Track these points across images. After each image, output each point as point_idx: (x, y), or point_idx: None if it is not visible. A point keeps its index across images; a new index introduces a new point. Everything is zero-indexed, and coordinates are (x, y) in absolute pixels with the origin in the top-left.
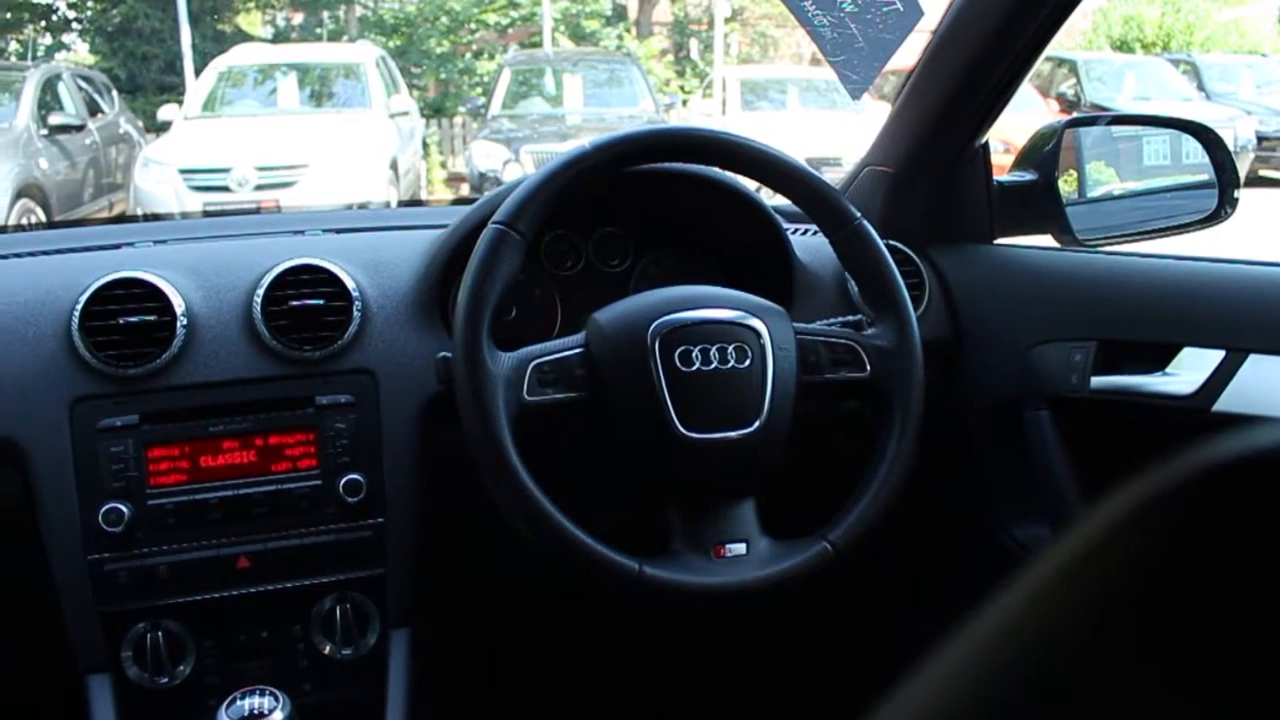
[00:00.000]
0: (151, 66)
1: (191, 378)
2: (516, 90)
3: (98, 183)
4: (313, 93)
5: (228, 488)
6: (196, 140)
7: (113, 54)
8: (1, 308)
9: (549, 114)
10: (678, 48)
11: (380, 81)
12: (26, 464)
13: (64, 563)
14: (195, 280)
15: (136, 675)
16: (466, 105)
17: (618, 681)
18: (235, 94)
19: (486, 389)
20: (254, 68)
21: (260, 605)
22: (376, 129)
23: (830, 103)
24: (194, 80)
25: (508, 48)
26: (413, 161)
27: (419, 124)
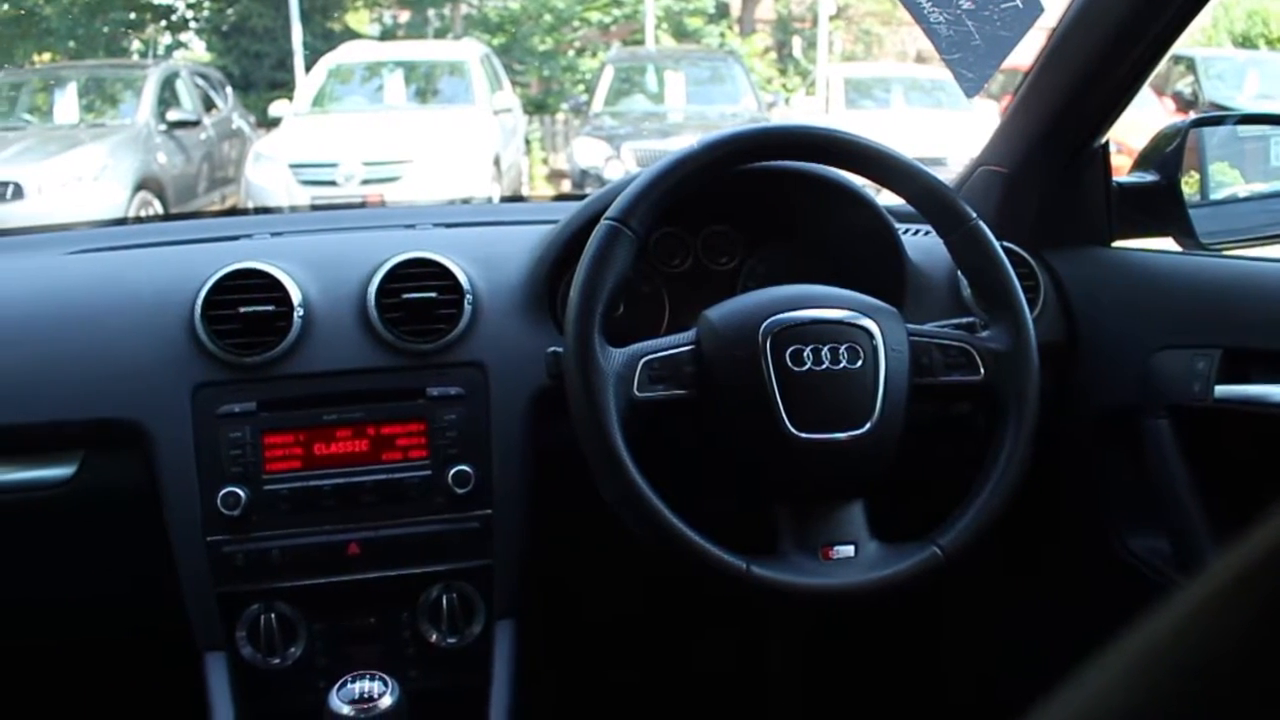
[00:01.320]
0: (264, 64)
1: (307, 367)
2: (619, 87)
3: (211, 176)
4: (418, 89)
5: (340, 475)
6: (306, 135)
7: (227, 52)
8: (128, 297)
9: (651, 111)
10: (780, 45)
11: (484, 78)
12: (151, 447)
13: (184, 544)
14: (312, 272)
15: (250, 655)
16: (569, 102)
17: (715, 680)
18: (343, 90)
19: (597, 384)
20: (362, 65)
21: (369, 591)
22: (480, 125)
23: (935, 101)
24: (304, 77)
25: (610, 45)
26: (515, 158)
27: (522, 120)
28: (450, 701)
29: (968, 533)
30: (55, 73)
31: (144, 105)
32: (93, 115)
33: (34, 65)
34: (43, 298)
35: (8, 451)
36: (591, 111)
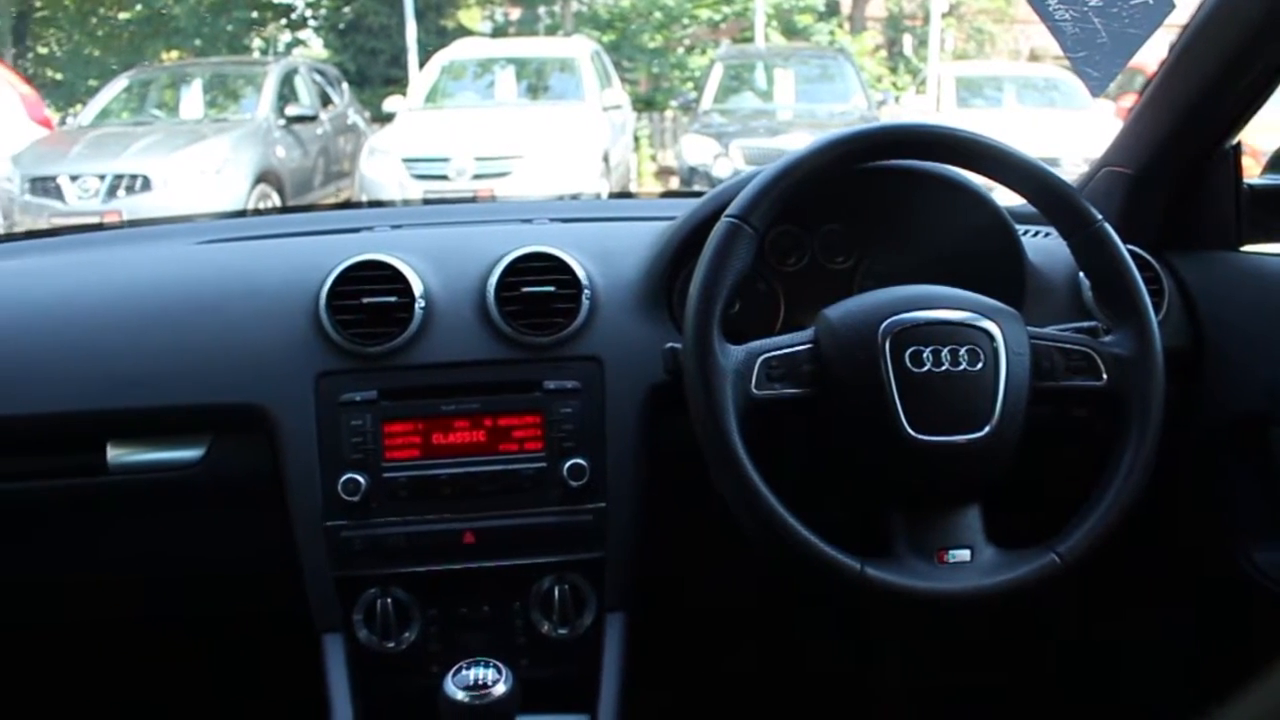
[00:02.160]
0: (379, 60)
1: (427, 357)
2: (728, 85)
3: (327, 170)
4: (529, 86)
5: (457, 465)
6: (419, 131)
7: (343, 49)
8: (255, 287)
9: (760, 109)
10: (891, 43)
11: (594, 75)
12: (276, 433)
13: (305, 527)
14: (432, 264)
15: (366, 638)
16: (678, 99)
17: (821, 678)
18: (456, 86)
19: (716, 381)
20: (474, 61)
21: (483, 580)
22: (590, 122)
23: (1048, 101)
24: (417, 73)
25: (720, 43)
26: (624, 154)
27: (630, 117)
28: (559, 691)
29: (1087, 541)
30: (182, 70)
31: (264, 101)
32: (216, 110)
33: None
34: (174, 286)
35: (141, 433)
36: (700, 109)
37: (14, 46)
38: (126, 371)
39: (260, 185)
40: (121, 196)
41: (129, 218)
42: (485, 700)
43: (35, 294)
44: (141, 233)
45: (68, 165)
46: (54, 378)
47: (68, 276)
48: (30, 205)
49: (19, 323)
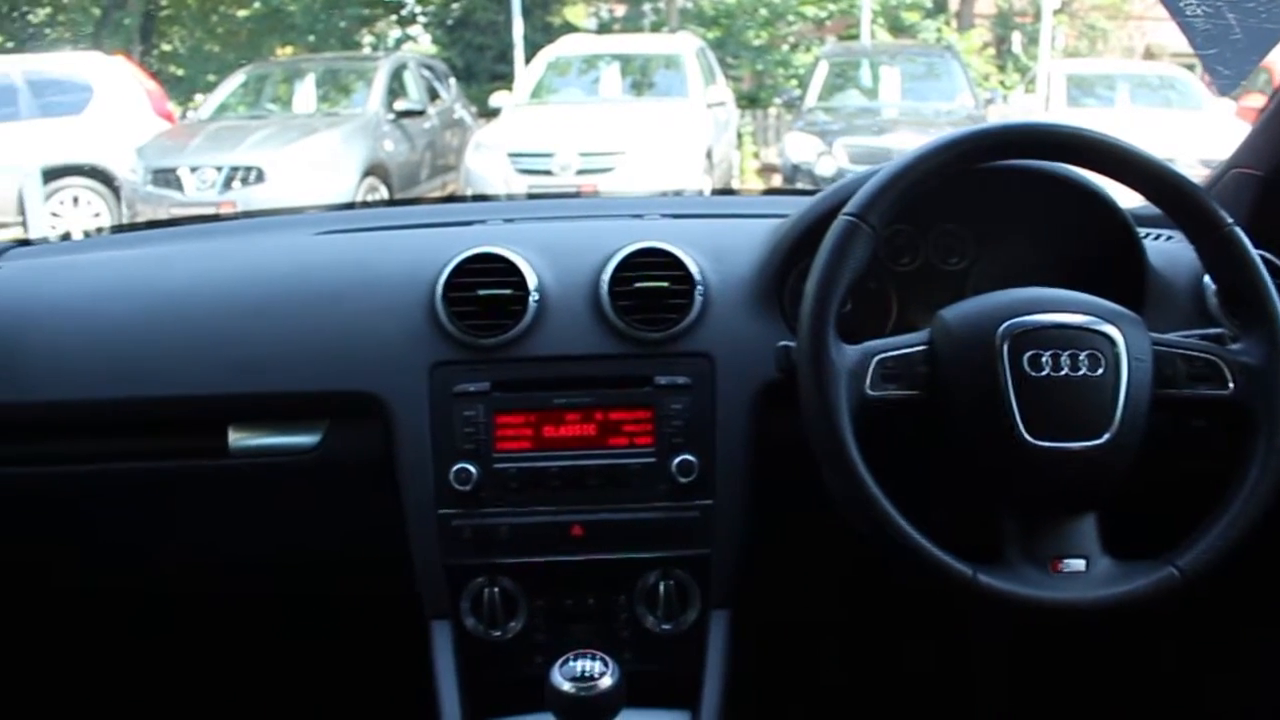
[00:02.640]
0: (485, 56)
1: (540, 350)
2: (832, 83)
3: (433, 164)
4: (634, 82)
5: (567, 458)
6: (524, 126)
7: (451, 44)
8: (373, 277)
9: (865, 107)
10: (1000, 41)
11: (699, 72)
12: (390, 421)
13: (417, 515)
14: (546, 258)
15: (473, 626)
16: (782, 97)
17: (920, 680)
18: (561, 82)
19: (830, 381)
20: (579, 57)
21: (589, 573)
22: (693, 118)
23: (1164, 100)
24: (523, 69)
25: (825, 40)
26: (726, 151)
27: (734, 114)
28: (662, 686)
29: (1209, 556)
30: (296, 65)
31: (374, 95)
32: (328, 105)
33: (277, 59)
34: (295, 275)
35: (261, 418)
36: (804, 106)
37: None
38: (248, 357)
39: (369, 178)
40: (237, 188)
41: (243, 209)
42: (592, 692)
43: (163, 281)
44: (261, 223)
45: (187, 157)
46: (180, 362)
47: (193, 264)
48: (151, 195)
49: (148, 308)
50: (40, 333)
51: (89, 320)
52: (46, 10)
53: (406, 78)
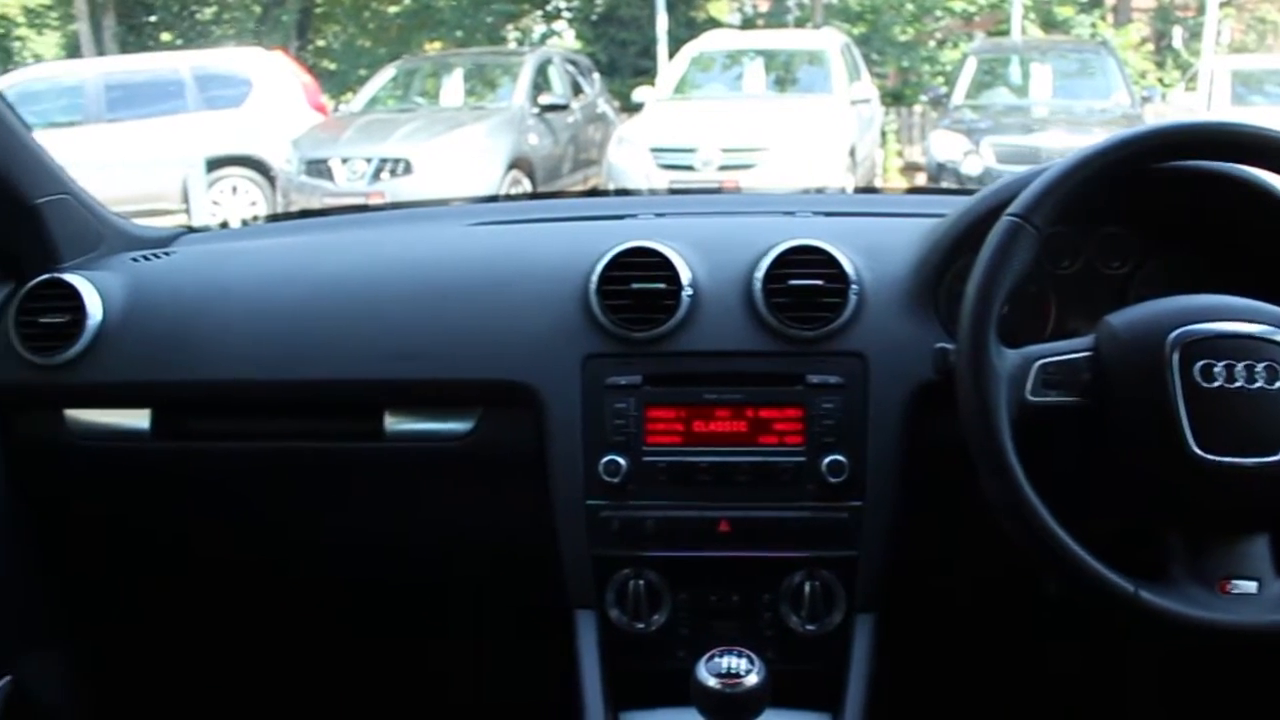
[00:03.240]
0: (629, 51)
1: (692, 345)
2: (981, 80)
3: (576, 158)
4: (777, 78)
5: (716, 453)
6: (667, 121)
7: (596, 39)
8: (527, 269)
9: (1014, 105)
10: (1159, 36)
11: (843, 68)
12: (542, 411)
13: (565, 505)
14: (699, 253)
15: (617, 617)
16: (928, 94)
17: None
18: (704, 78)
19: (990, 385)
20: (723, 53)
21: (735, 570)
22: (837, 115)
23: None
24: (667, 64)
25: (974, 36)
26: (870, 149)
27: (878, 111)
28: (804, 686)
29: None
30: (444, 60)
31: (520, 90)
32: (474, 99)
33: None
34: (451, 265)
35: (416, 404)
36: (951, 104)
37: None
38: (405, 344)
39: (513, 171)
40: (385, 179)
41: (391, 200)
42: (737, 690)
43: (326, 268)
44: (413, 214)
45: (339, 149)
46: (340, 347)
47: (354, 252)
48: (305, 185)
49: (312, 294)
50: (211, 315)
51: (256, 304)
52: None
53: (551, 72)
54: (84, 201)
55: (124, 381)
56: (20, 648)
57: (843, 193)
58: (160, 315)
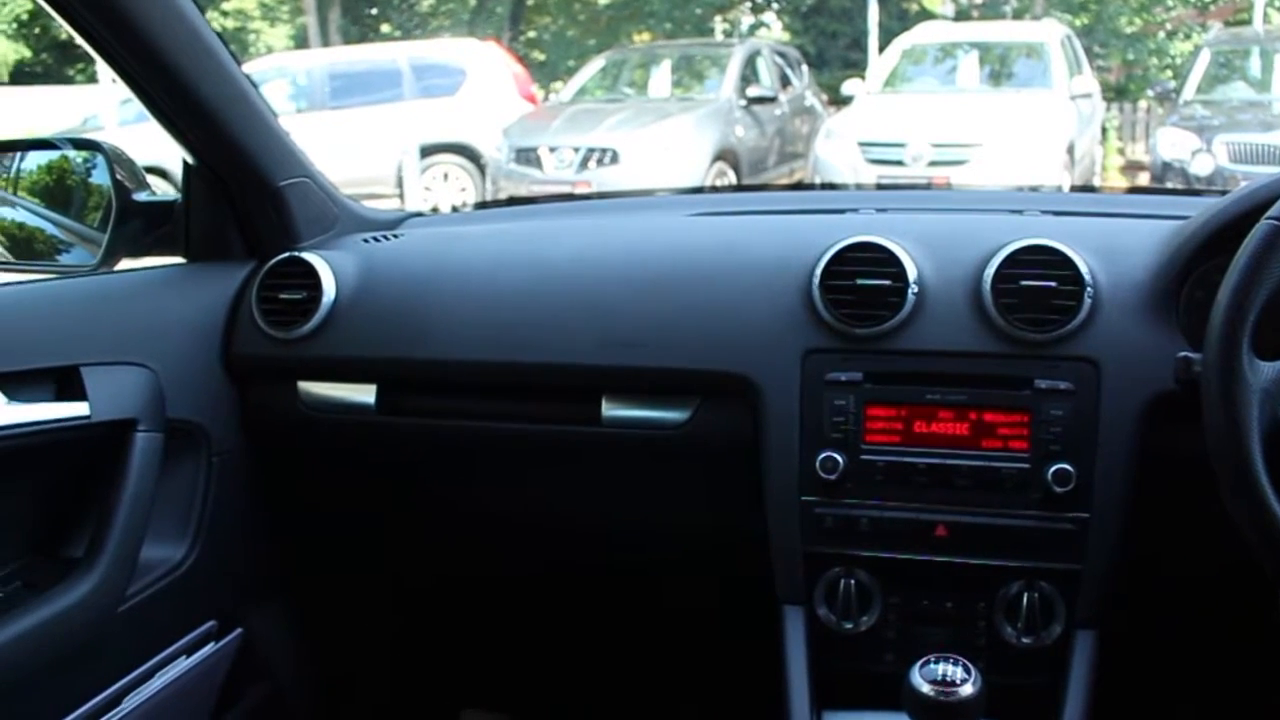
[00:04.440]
0: (838, 43)
1: (915, 344)
2: (1215, 73)
3: (781, 151)
4: (992, 72)
5: (936, 455)
6: (876, 115)
7: (804, 31)
8: (750, 260)
9: (1252, 100)
10: None
11: (1064, 61)
12: (759, 404)
13: (778, 499)
14: (925, 250)
15: (825, 615)
16: (1154, 89)
17: None
18: (915, 71)
19: (1242, 398)
20: (935, 46)
21: (948, 576)
22: (1056, 111)
23: None
24: (877, 57)
25: (1208, 27)
26: (1089, 146)
27: (1099, 107)
28: (1017, 701)
29: None
30: (653, 51)
31: (728, 81)
32: (682, 90)
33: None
34: (672, 255)
35: (634, 391)
36: (1180, 99)
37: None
38: (627, 331)
39: (718, 163)
40: (592, 168)
41: (597, 189)
42: (951, 698)
43: (549, 254)
44: (629, 203)
45: (548, 138)
46: (562, 332)
47: (576, 240)
48: (514, 173)
49: (535, 279)
50: (437, 296)
51: (481, 287)
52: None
53: (759, 64)
54: (321, 184)
55: (353, 357)
56: (249, 603)
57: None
58: (389, 295)
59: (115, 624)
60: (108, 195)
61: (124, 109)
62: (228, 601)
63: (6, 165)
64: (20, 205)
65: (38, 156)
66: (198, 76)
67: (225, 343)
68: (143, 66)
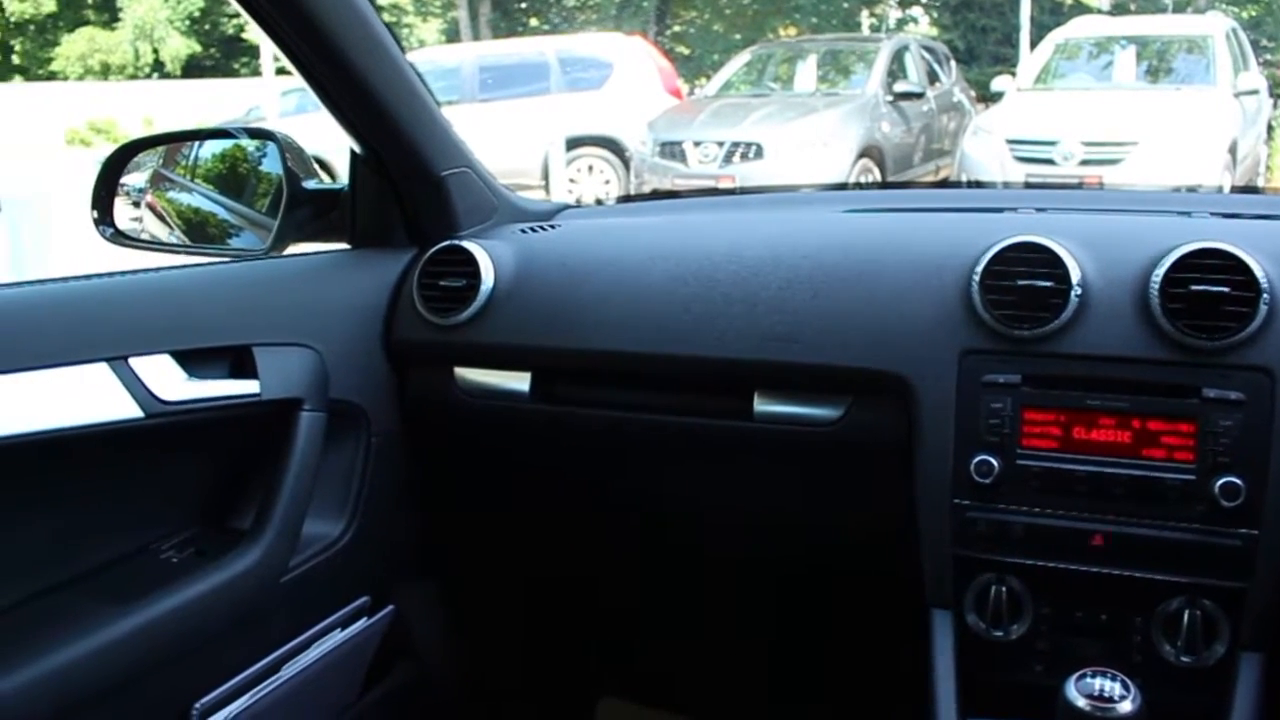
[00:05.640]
0: (989, 38)
1: (1077, 348)
2: None
3: (927, 148)
4: (1150, 67)
5: (1095, 463)
6: (1026, 112)
7: (954, 26)
8: (908, 258)
9: None
10: None
11: (1228, 56)
12: (913, 404)
13: (930, 501)
14: (1088, 251)
15: (974, 621)
16: None
17: None
18: (1068, 67)
19: None
20: (1090, 40)
21: (1104, 587)
22: (1218, 108)
23: None
24: (1028, 52)
25: None
26: (1253, 146)
27: (1267, 105)
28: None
29: None
30: (799, 46)
31: (874, 77)
32: (827, 85)
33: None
34: (827, 250)
35: (786, 387)
36: None
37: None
38: (781, 326)
39: (863, 160)
40: (736, 162)
41: (741, 183)
42: (1108, 715)
43: (704, 246)
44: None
45: (692, 132)
46: (715, 325)
47: (731, 232)
48: (658, 166)
49: (689, 272)
50: (592, 287)
51: (636, 279)
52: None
53: (907, 60)
54: (482, 174)
55: (509, 345)
56: (400, 581)
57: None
58: (545, 284)
59: (277, 595)
60: (277, 182)
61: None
62: (380, 579)
63: (185, 154)
64: (197, 191)
65: (213, 145)
66: (368, 68)
67: (386, 327)
68: (318, 58)
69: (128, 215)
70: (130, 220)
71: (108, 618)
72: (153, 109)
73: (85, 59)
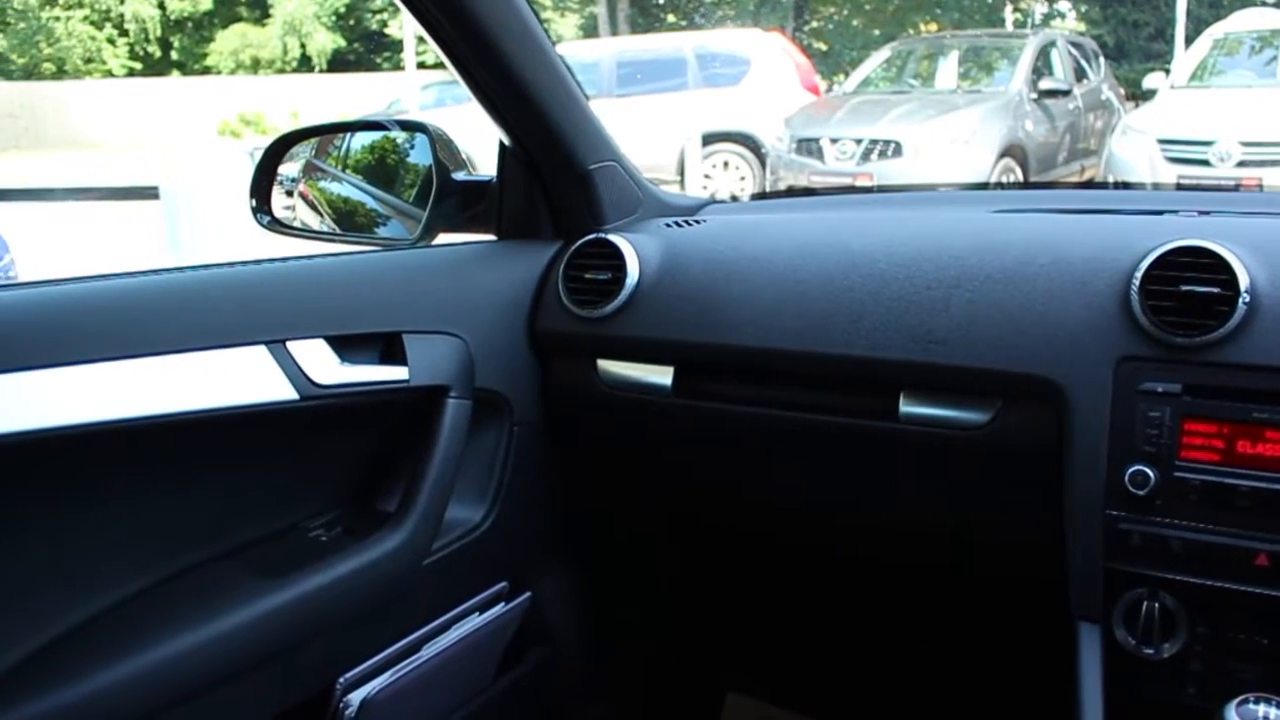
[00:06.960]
0: (1140, 34)
1: (1243, 357)
2: None
3: (1072, 147)
4: None
5: (1261, 479)
6: (1180, 110)
7: (1103, 21)
8: (1061, 260)
9: None
10: None
11: None
12: (1065, 410)
13: (1080, 511)
14: (1257, 256)
15: (1123, 637)
16: None
17: None
18: (1228, 63)
19: None
20: (1254, 34)
21: (1268, 609)
22: None
23: None
24: (1183, 48)
25: None
26: None
27: None
28: None
29: None
30: (940, 42)
31: (1019, 74)
32: (969, 82)
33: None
34: (978, 250)
35: (933, 388)
36: None
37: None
38: (931, 327)
39: (1004, 159)
40: (874, 160)
41: (879, 181)
42: None
43: (852, 244)
44: (920, 197)
45: (829, 129)
46: (864, 323)
47: (880, 230)
48: (794, 163)
49: (837, 270)
50: (738, 282)
51: (782, 275)
52: None
53: (1053, 56)
54: (627, 168)
55: (653, 338)
56: (538, 568)
57: None
58: (690, 279)
59: (419, 576)
60: (425, 173)
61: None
62: (519, 565)
63: (338, 145)
64: (347, 181)
65: (364, 136)
66: (521, 62)
67: (531, 318)
68: (473, 52)
69: (281, 204)
70: (284, 209)
71: (260, 591)
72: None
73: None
